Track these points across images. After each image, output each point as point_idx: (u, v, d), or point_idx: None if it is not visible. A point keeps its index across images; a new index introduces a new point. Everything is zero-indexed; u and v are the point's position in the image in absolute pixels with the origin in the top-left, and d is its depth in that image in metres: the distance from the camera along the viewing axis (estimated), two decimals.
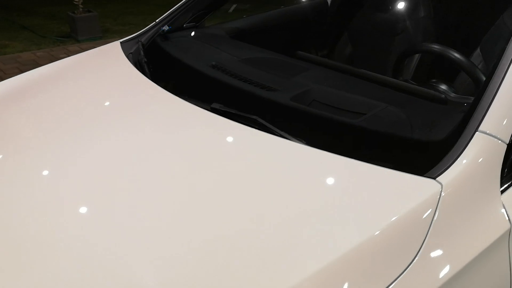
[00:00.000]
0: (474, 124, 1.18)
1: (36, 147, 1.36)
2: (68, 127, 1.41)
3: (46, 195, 1.18)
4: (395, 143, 1.27)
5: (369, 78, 1.62)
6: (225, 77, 1.60)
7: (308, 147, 1.23)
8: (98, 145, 1.33)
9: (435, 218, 1.04)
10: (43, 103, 1.55)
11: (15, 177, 1.24)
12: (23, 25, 6.19)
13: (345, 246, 0.98)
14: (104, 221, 1.08)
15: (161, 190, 1.16)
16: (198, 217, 1.07)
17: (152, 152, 1.28)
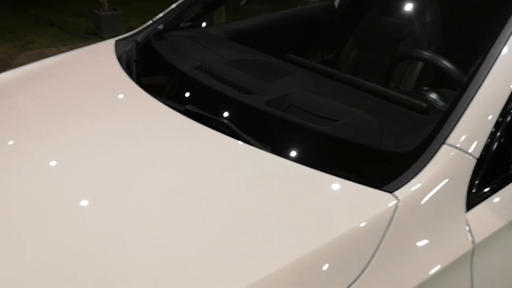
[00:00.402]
0: (442, 136, 1.12)
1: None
2: (30, 125, 1.42)
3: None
4: (360, 153, 1.22)
5: (355, 84, 1.57)
6: (204, 79, 1.58)
7: (269, 154, 1.19)
8: (52, 144, 1.32)
9: (386, 235, 0.99)
10: (18, 101, 1.56)
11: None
12: (51, 21, 6.36)
13: (289, 256, 0.94)
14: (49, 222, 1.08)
15: (101, 191, 1.14)
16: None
17: (105, 153, 1.27)
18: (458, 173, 1.09)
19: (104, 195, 1.13)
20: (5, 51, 5.23)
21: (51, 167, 1.24)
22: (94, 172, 1.20)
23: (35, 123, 1.43)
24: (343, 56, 2.44)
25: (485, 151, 1.11)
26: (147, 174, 1.18)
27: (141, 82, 1.60)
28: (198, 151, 1.26)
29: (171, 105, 1.43)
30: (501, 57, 1.18)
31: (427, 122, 1.23)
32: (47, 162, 1.25)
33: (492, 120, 1.13)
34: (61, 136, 1.35)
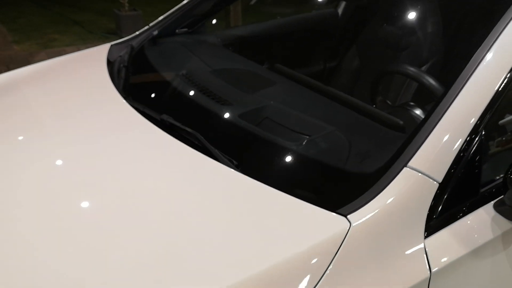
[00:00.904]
0: (404, 158, 1.08)
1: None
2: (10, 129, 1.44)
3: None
4: (320, 173, 1.19)
5: (335, 98, 1.54)
6: (184, 89, 1.57)
7: (230, 170, 1.18)
8: (24, 151, 1.34)
9: (335, 260, 0.96)
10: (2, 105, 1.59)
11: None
12: (75, 20, 6.48)
13: (231, 278, 0.93)
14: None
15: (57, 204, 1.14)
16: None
17: (69, 161, 1.28)
18: (418, 198, 1.05)
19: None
20: (27, 49, 5.36)
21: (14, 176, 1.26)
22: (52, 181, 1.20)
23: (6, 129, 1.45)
24: (344, 64, 2.40)
25: (449, 175, 1.07)
26: (102, 186, 1.18)
27: (122, 89, 1.60)
28: (160, 162, 1.25)
29: (146, 114, 1.43)
30: (471, 79, 1.14)
31: (394, 142, 1.19)
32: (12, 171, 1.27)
33: (458, 144, 1.08)
34: (26, 144, 1.37)
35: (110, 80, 1.67)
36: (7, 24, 6.24)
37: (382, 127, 1.36)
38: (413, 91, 1.85)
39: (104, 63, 1.85)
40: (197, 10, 2.20)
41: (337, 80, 2.24)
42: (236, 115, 1.40)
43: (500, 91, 1.14)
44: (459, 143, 1.08)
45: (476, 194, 1.13)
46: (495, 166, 1.21)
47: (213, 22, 2.42)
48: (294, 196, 1.08)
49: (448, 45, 2.07)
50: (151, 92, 1.66)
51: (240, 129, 1.36)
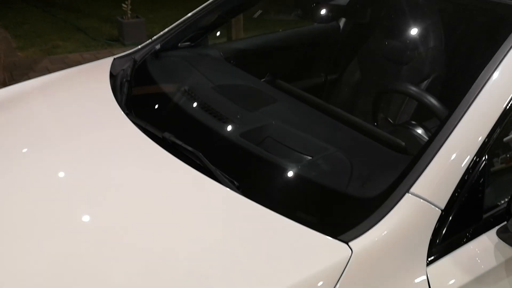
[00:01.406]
0: (406, 183, 1.07)
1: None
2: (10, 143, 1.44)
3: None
4: (323, 196, 1.18)
5: (338, 117, 1.53)
6: (184, 105, 1.57)
7: (231, 192, 1.17)
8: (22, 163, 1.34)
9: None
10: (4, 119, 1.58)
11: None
12: (79, 26, 6.50)
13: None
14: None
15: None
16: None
17: (69, 178, 1.27)
18: (421, 225, 1.04)
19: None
20: (31, 55, 5.37)
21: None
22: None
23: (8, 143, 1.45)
24: (345, 79, 2.39)
25: (451, 202, 1.06)
26: (99, 207, 1.17)
27: (124, 104, 1.60)
28: (159, 184, 1.24)
29: (147, 131, 1.42)
30: (476, 102, 1.13)
31: (396, 164, 1.18)
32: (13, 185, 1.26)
33: (460, 170, 1.07)
34: (28, 159, 1.37)
35: (112, 95, 1.67)
36: (11, 30, 6.27)
37: (384, 148, 1.35)
38: (415, 107, 1.84)
39: (107, 77, 1.85)
40: (200, 24, 2.20)
41: (338, 94, 2.23)
42: (237, 134, 1.40)
43: (505, 115, 1.13)
44: (462, 168, 1.07)
45: (479, 220, 1.12)
46: (498, 191, 1.20)
47: (215, 36, 2.42)
48: (294, 221, 1.07)
49: (450, 61, 2.07)
50: (153, 108, 1.66)
51: (241, 148, 1.36)
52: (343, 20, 2.51)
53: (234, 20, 4.45)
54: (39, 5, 7.66)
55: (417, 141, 1.46)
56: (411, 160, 1.12)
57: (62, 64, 5.10)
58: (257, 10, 2.68)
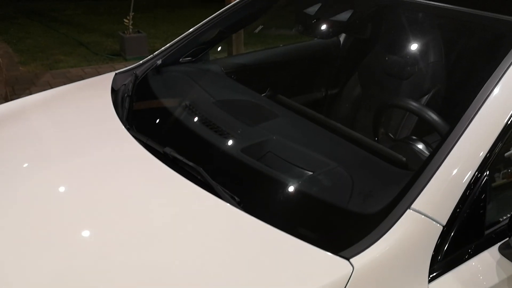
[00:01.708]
0: (408, 199, 1.07)
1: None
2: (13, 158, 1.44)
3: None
4: (324, 212, 1.18)
5: (339, 132, 1.53)
6: (185, 120, 1.57)
7: (232, 208, 1.17)
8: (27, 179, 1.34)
9: None
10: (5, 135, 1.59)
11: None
12: (80, 41, 6.55)
13: None
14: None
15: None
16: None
17: (68, 195, 1.27)
18: (422, 241, 1.04)
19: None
20: (33, 70, 5.40)
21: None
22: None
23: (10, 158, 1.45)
24: (346, 93, 2.40)
25: (453, 218, 1.05)
26: (100, 222, 1.17)
27: (126, 119, 1.60)
28: (160, 199, 1.24)
29: (148, 146, 1.43)
30: (477, 117, 1.14)
31: (397, 180, 1.18)
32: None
33: (462, 185, 1.07)
34: (29, 174, 1.37)
35: (114, 110, 1.68)
36: (14, 45, 6.31)
37: (385, 163, 1.35)
38: (415, 122, 1.85)
39: (108, 92, 1.86)
40: (200, 39, 2.21)
41: (339, 109, 2.24)
42: (238, 149, 1.40)
43: (506, 130, 1.13)
44: (463, 184, 1.07)
45: (481, 236, 1.12)
46: (500, 207, 1.19)
47: (216, 51, 2.43)
48: (295, 237, 1.06)
49: (450, 76, 2.08)
50: (154, 123, 1.66)
51: (242, 164, 1.35)
52: (344, 35, 2.53)
53: (235, 35, 4.48)
54: (42, 20, 7.73)
55: (418, 156, 1.46)
56: (412, 176, 1.12)
57: (63, 78, 5.12)
58: (257, 25, 2.70)
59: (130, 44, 5.73)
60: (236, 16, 2.25)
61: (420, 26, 1.95)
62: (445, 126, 1.42)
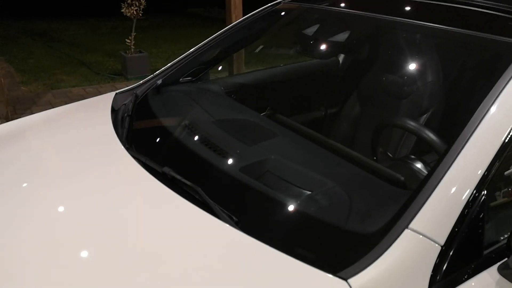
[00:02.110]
0: (406, 219, 1.07)
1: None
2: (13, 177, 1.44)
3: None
4: (322, 232, 1.17)
5: (337, 151, 1.54)
6: (184, 140, 1.58)
7: (229, 228, 1.16)
8: (25, 199, 1.34)
9: None
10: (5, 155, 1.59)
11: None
12: (82, 61, 6.61)
13: None
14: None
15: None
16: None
17: (67, 214, 1.27)
18: (420, 261, 1.03)
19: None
20: (34, 89, 5.44)
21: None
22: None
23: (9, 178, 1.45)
24: (345, 112, 2.41)
25: (451, 237, 1.05)
26: (100, 243, 1.17)
27: (125, 139, 1.61)
28: (158, 220, 1.23)
29: (147, 166, 1.43)
30: (474, 136, 1.14)
31: (395, 199, 1.18)
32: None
33: (460, 205, 1.07)
34: (28, 195, 1.37)
35: (113, 130, 1.68)
36: (16, 65, 6.37)
37: (383, 183, 1.35)
38: (414, 141, 1.85)
39: (108, 111, 1.87)
40: (201, 59, 2.23)
41: (338, 128, 2.25)
42: (237, 169, 1.40)
43: (504, 148, 1.13)
44: (461, 203, 1.07)
45: (480, 257, 1.11)
46: (498, 226, 1.19)
47: (217, 70, 2.46)
48: (293, 257, 1.06)
49: (448, 95, 2.09)
50: (153, 143, 1.67)
51: (240, 183, 1.36)
52: (342, 55, 2.55)
53: (236, 55, 4.52)
54: (44, 41, 7.82)
55: (416, 175, 1.46)
56: (410, 195, 1.12)
57: (65, 98, 5.16)
58: (258, 45, 2.73)
59: (132, 64, 5.78)
60: (237, 36, 2.28)
61: (418, 46, 1.97)
62: (442, 145, 1.43)
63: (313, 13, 2.23)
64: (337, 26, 2.15)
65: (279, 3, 2.28)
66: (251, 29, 2.30)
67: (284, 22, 2.37)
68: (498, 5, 1.66)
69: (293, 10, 2.28)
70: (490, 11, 1.65)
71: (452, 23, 1.63)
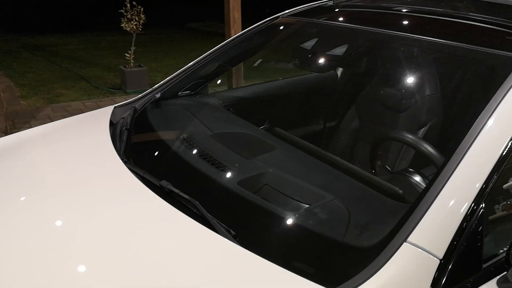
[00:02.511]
0: (404, 232, 1.06)
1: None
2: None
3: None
4: (320, 245, 1.17)
5: (335, 164, 1.54)
6: (182, 153, 1.58)
7: (227, 242, 1.16)
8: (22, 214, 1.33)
9: None
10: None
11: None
12: (82, 75, 6.64)
13: None
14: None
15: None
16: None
17: (65, 229, 1.26)
18: (419, 275, 1.02)
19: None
20: (33, 104, 5.45)
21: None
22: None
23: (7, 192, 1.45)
24: (343, 126, 2.41)
25: (450, 251, 1.04)
26: (96, 256, 1.16)
27: (123, 153, 1.61)
28: (155, 234, 1.23)
29: (145, 180, 1.43)
30: (472, 148, 1.14)
31: (393, 213, 1.18)
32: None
33: (458, 218, 1.07)
34: (26, 208, 1.36)
35: (112, 144, 1.68)
36: (15, 79, 6.39)
37: (381, 196, 1.35)
38: (412, 155, 1.85)
39: (107, 125, 1.87)
40: (199, 73, 2.24)
41: (336, 142, 2.25)
42: (235, 182, 1.40)
43: (502, 161, 1.13)
44: (459, 216, 1.07)
45: (479, 270, 1.10)
46: (497, 239, 1.18)
47: (216, 84, 2.46)
48: (291, 271, 1.05)
49: (446, 109, 2.09)
50: (151, 156, 1.67)
51: (238, 197, 1.35)
52: (341, 69, 2.56)
53: (235, 68, 4.54)
54: (44, 55, 7.86)
55: (414, 188, 1.45)
56: (408, 209, 1.11)
57: (64, 112, 5.17)
58: (257, 59, 2.75)
59: (131, 78, 5.81)
60: (236, 50, 2.29)
61: (416, 60, 1.98)
62: (440, 158, 1.43)
63: (311, 27, 2.25)
64: (335, 40, 2.17)
65: (278, 17, 2.30)
66: (250, 43, 2.32)
67: (283, 36, 2.39)
68: (495, 19, 1.67)
69: (291, 24, 2.29)
70: (487, 25, 1.67)
71: (450, 37, 1.64)
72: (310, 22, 2.22)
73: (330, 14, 2.25)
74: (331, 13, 2.25)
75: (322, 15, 2.24)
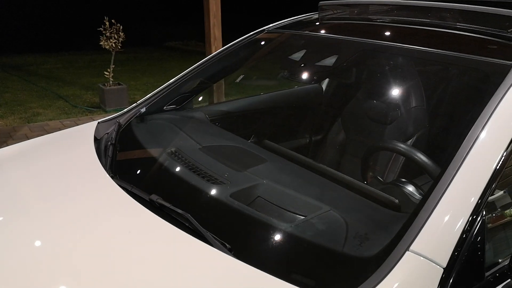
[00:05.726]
0: (406, 241, 1.04)
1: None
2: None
3: None
4: (319, 257, 1.13)
5: (328, 175, 1.51)
6: (171, 167, 1.53)
7: (223, 255, 1.11)
8: None
9: None
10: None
11: None
12: (59, 94, 6.52)
13: None
14: None
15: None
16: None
17: (53, 245, 1.20)
18: (423, 284, 1.00)
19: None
20: (10, 123, 5.32)
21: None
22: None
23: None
24: (330, 138, 2.40)
25: (453, 259, 1.02)
26: (86, 272, 1.10)
27: (109, 168, 1.56)
28: (147, 248, 1.18)
29: (134, 194, 1.38)
30: (468, 158, 1.13)
31: (392, 222, 1.15)
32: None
33: (460, 225, 1.05)
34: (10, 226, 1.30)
35: (97, 158, 1.63)
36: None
37: (377, 206, 1.33)
38: (401, 165, 1.84)
39: (91, 140, 1.82)
40: (182, 88, 2.21)
41: (323, 155, 2.23)
42: (227, 195, 1.36)
43: (499, 169, 1.12)
44: (461, 224, 1.05)
45: (482, 279, 1.08)
46: (500, 247, 1.17)
47: (200, 99, 2.43)
48: (289, 283, 1.01)
49: (433, 119, 2.10)
50: (139, 171, 1.62)
51: (231, 209, 1.31)
52: (326, 82, 2.56)
53: (216, 85, 4.52)
54: (21, 75, 7.73)
55: (408, 198, 1.44)
56: (409, 217, 1.09)
57: (42, 131, 5.05)
58: (238, 76, 2.73)
59: (111, 96, 5.73)
60: (216, 67, 2.27)
61: (402, 70, 1.99)
62: (435, 168, 1.41)
63: (296, 40, 2.24)
64: (321, 51, 2.17)
65: (263, 31, 2.29)
66: (235, 57, 2.30)
67: (267, 50, 2.38)
68: (483, 28, 1.68)
69: (276, 38, 2.29)
70: (475, 35, 1.68)
71: (438, 46, 1.64)
72: (295, 34, 2.22)
73: (315, 26, 2.25)
74: (316, 25, 2.26)
75: (307, 28, 2.24)
